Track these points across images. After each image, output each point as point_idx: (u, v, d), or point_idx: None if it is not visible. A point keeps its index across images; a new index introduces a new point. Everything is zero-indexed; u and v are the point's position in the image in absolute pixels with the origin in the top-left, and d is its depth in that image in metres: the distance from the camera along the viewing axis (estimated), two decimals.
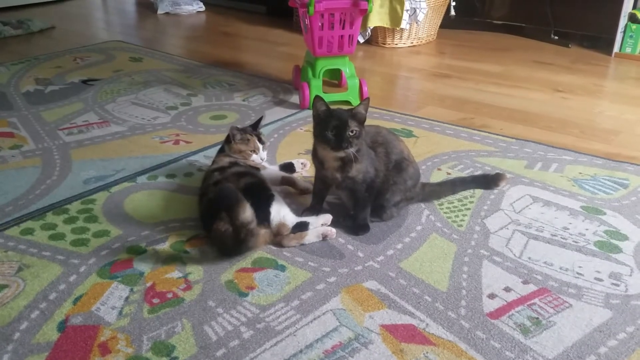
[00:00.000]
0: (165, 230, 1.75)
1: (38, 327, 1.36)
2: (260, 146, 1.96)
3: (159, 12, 4.83)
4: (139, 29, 4.65)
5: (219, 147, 2.17)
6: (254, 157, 1.94)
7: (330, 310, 1.41)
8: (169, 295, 1.47)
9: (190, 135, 2.44)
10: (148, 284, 1.52)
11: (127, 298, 1.46)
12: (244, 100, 2.83)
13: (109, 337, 1.33)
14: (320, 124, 1.65)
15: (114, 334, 1.34)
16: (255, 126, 2.03)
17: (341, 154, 1.63)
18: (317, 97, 1.64)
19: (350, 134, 1.59)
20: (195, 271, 1.56)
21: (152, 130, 2.50)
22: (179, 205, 1.90)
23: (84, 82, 3.13)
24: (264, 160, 1.98)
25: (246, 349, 1.30)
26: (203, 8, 4.92)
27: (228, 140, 1.96)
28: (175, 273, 1.56)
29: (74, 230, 1.76)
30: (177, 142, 2.37)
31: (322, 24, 2.58)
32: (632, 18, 3.37)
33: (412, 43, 3.84)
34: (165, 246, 1.68)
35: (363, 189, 1.70)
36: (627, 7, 3.36)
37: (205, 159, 2.22)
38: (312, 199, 1.84)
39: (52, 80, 3.15)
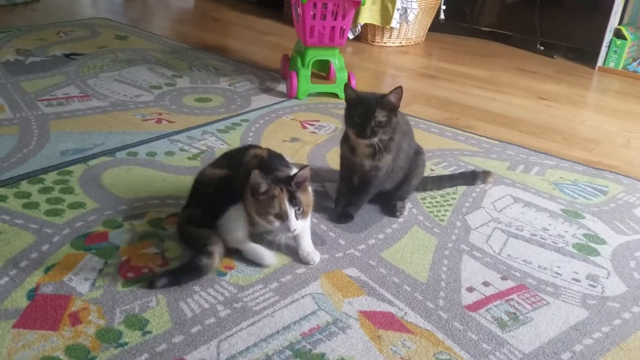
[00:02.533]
0: (144, 207, 1.72)
1: (7, 294, 1.32)
2: (291, 210, 1.38)
3: None
4: (126, 8, 4.57)
5: (201, 128, 2.15)
6: (277, 224, 1.40)
7: (310, 294, 1.39)
8: (145, 270, 1.44)
9: (173, 115, 2.39)
10: (123, 258, 1.48)
11: (100, 270, 1.42)
12: (230, 85, 2.80)
13: (81, 308, 1.29)
14: (349, 110, 1.63)
15: (85, 305, 1.30)
16: (291, 179, 1.41)
17: (366, 141, 1.60)
18: (347, 85, 1.64)
19: (376, 122, 1.56)
20: (173, 248, 1.53)
21: (134, 108, 2.45)
22: (159, 183, 1.86)
23: (67, 55, 3.05)
24: (294, 232, 1.41)
25: (222, 327, 1.27)
26: None
27: (252, 189, 1.41)
28: (151, 249, 1.53)
29: (48, 200, 1.71)
30: (159, 121, 2.33)
31: (315, 14, 2.56)
32: (617, 33, 3.43)
33: (400, 43, 3.84)
34: (142, 222, 1.64)
35: (377, 183, 1.70)
36: (613, 22, 3.42)
37: (188, 139, 2.18)
38: (339, 187, 1.79)
39: (33, 52, 3.07)
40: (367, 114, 1.56)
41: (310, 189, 1.48)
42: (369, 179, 1.69)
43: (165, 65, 3.02)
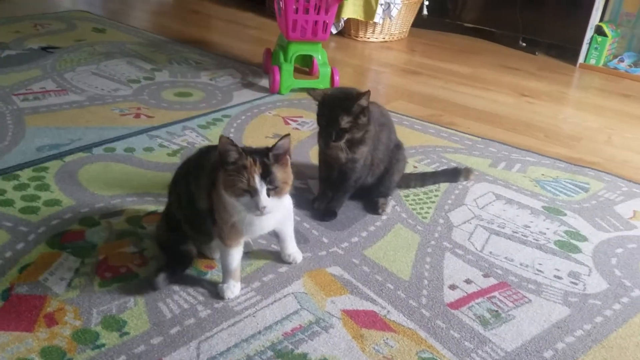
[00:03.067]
0: (122, 204, 1.68)
1: None
2: (262, 186, 1.19)
3: None
4: (104, 0, 4.48)
5: (181, 123, 2.12)
6: (245, 200, 1.20)
7: (292, 293, 1.37)
8: (123, 270, 1.41)
9: (152, 110, 2.35)
10: (100, 257, 1.45)
11: (77, 270, 1.39)
12: (211, 80, 2.76)
13: (56, 308, 1.26)
14: (318, 110, 1.63)
15: (61, 306, 1.27)
16: (269, 149, 1.23)
17: (330, 146, 1.61)
18: (311, 90, 1.65)
19: (340, 129, 1.57)
20: (152, 247, 1.50)
21: (111, 102, 2.40)
22: (138, 179, 1.82)
23: (44, 49, 2.99)
24: (263, 211, 1.19)
25: (202, 327, 1.25)
26: None
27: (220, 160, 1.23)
28: (129, 248, 1.50)
29: (24, 197, 1.67)
30: (137, 116, 2.29)
31: (297, 8, 2.53)
32: (598, 30, 3.45)
33: (384, 38, 3.83)
34: (120, 220, 1.61)
35: (356, 176, 1.69)
36: (594, 19, 3.44)
37: (167, 134, 2.14)
38: (319, 186, 1.80)
39: (9, 45, 2.99)
40: (331, 120, 1.57)
41: (290, 163, 1.26)
42: (347, 172, 1.68)
43: (144, 58, 2.97)
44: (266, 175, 1.19)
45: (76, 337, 1.19)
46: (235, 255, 1.34)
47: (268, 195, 1.19)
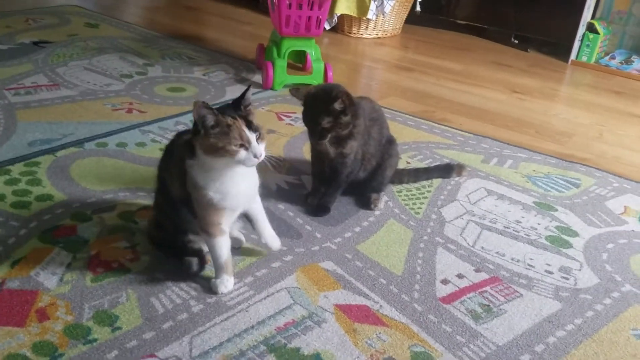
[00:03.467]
0: (114, 199, 1.68)
1: None
2: (252, 136, 1.22)
3: None
4: None
5: (174, 118, 2.11)
6: (242, 154, 1.21)
7: (285, 288, 1.38)
8: (115, 265, 1.40)
9: (144, 105, 2.34)
10: (92, 252, 1.44)
11: (69, 265, 1.39)
12: (204, 75, 2.75)
13: (48, 303, 1.26)
14: (303, 109, 1.64)
15: (53, 300, 1.27)
16: (238, 103, 1.27)
17: (315, 144, 1.63)
18: (291, 89, 1.65)
19: (322, 128, 1.58)
20: (144, 242, 1.50)
21: (104, 97, 2.39)
22: (130, 174, 1.82)
23: (35, 43, 2.97)
24: (261, 157, 1.23)
25: (195, 322, 1.25)
26: None
27: (196, 130, 1.22)
28: (122, 243, 1.49)
29: (15, 192, 1.66)
30: (130, 111, 2.28)
31: (290, 3, 2.53)
32: (590, 28, 3.47)
33: (377, 34, 3.83)
34: (112, 215, 1.60)
35: (347, 171, 1.70)
36: (586, 16, 3.46)
37: (159, 129, 2.13)
38: (312, 182, 1.80)
39: (0, 40, 2.97)
40: (313, 119, 1.58)
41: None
42: (337, 167, 1.69)
43: (136, 53, 2.96)
44: (250, 126, 1.23)
45: (68, 332, 1.19)
46: (222, 245, 1.32)
47: (257, 143, 1.23)
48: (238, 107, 1.25)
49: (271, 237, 1.47)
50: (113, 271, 1.38)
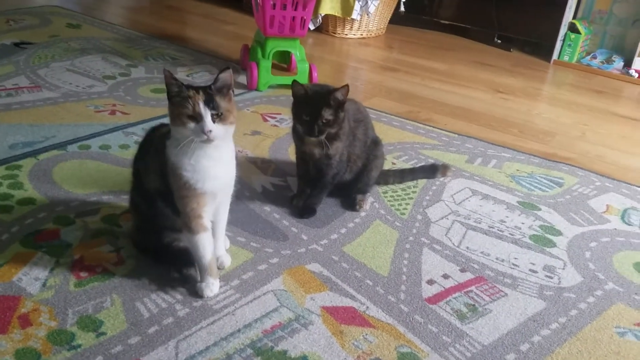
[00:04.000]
0: (97, 203, 1.66)
1: None
2: (207, 112, 1.22)
3: None
4: None
5: (158, 120, 2.09)
6: (191, 126, 1.22)
7: (271, 290, 1.37)
8: (99, 269, 1.39)
9: (128, 107, 2.32)
10: (76, 257, 1.42)
11: (52, 270, 1.37)
12: (188, 76, 2.73)
13: (31, 309, 1.24)
14: (297, 106, 1.62)
15: (36, 306, 1.25)
16: (211, 85, 1.26)
17: (313, 139, 1.61)
18: (295, 81, 1.61)
19: (323, 121, 1.57)
20: (128, 246, 1.48)
21: (86, 99, 2.36)
22: (114, 177, 1.80)
23: (16, 45, 2.92)
24: (210, 135, 1.22)
25: (181, 326, 1.24)
26: None
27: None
28: (106, 246, 1.48)
29: None
30: (113, 113, 2.25)
31: (275, 3, 2.52)
32: (572, 28, 3.51)
33: (361, 35, 3.84)
34: (96, 218, 1.59)
35: (333, 172, 1.69)
36: (568, 16, 3.50)
37: (143, 131, 2.11)
38: (297, 184, 1.79)
39: None
40: (314, 112, 1.57)
41: (234, 100, 1.30)
42: (322, 168, 1.69)
43: (119, 54, 2.93)
44: (209, 102, 1.23)
45: (51, 338, 1.17)
46: (205, 243, 1.31)
47: (213, 121, 1.23)
48: (209, 86, 1.26)
49: (225, 254, 1.46)
50: (97, 275, 1.37)
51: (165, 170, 1.28)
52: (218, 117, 1.24)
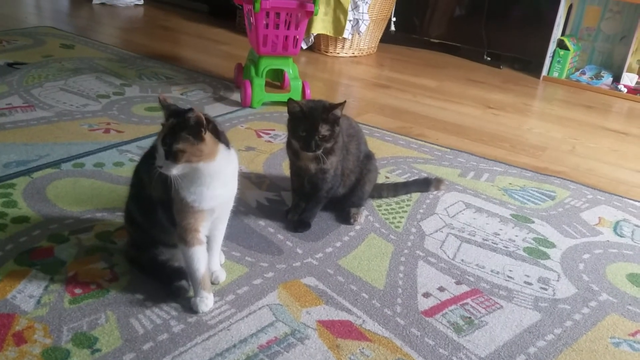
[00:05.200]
0: (91, 220, 1.65)
1: None
2: (160, 147, 1.20)
3: (95, 1, 4.62)
4: (72, 16, 4.44)
5: (152, 138, 2.10)
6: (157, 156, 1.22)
7: (267, 305, 1.37)
8: (93, 286, 1.38)
9: (122, 125, 2.33)
10: (70, 274, 1.42)
11: (46, 287, 1.36)
12: (182, 95, 2.74)
13: (25, 327, 1.23)
14: (293, 122, 1.63)
15: (30, 324, 1.24)
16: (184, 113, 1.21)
17: (310, 155, 1.62)
18: (290, 99, 1.63)
19: (320, 137, 1.58)
20: (122, 262, 1.48)
21: (80, 118, 2.37)
22: (108, 194, 1.80)
23: (10, 65, 2.93)
24: (161, 170, 1.21)
25: (175, 343, 1.23)
26: (141, 1, 4.76)
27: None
28: (100, 263, 1.47)
29: None
30: (107, 131, 2.26)
31: (267, 23, 2.55)
32: (560, 44, 3.56)
33: (353, 53, 3.88)
34: (90, 236, 1.58)
35: (328, 187, 1.70)
36: (556, 33, 3.55)
37: (138, 149, 2.12)
38: (292, 198, 1.80)
39: None
40: (311, 128, 1.58)
41: (211, 141, 1.22)
42: (317, 183, 1.70)
43: (113, 74, 2.94)
44: (167, 138, 1.19)
45: (46, 356, 1.16)
46: (200, 257, 1.30)
47: (166, 157, 1.19)
48: (184, 115, 1.19)
49: (220, 269, 1.45)
50: (91, 292, 1.36)
51: (169, 181, 1.26)
52: (171, 155, 1.19)
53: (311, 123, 1.58)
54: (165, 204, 1.31)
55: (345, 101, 1.60)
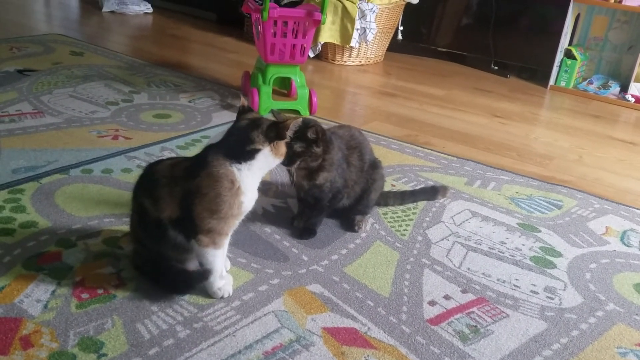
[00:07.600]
0: (99, 225, 1.67)
1: None
2: None
3: (104, 9, 4.67)
4: (81, 24, 4.49)
5: (160, 144, 2.10)
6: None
7: (272, 311, 1.37)
8: (100, 291, 1.39)
9: (130, 132, 2.34)
10: (77, 279, 1.43)
11: (53, 292, 1.37)
12: (190, 102, 2.77)
13: (32, 331, 1.24)
14: None
15: (37, 328, 1.25)
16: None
17: (290, 169, 1.63)
18: (272, 110, 1.66)
19: (293, 152, 1.58)
20: (129, 268, 1.49)
21: (89, 124, 2.39)
22: (115, 200, 1.81)
23: (20, 71, 2.97)
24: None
25: (181, 348, 1.24)
26: (151, 10, 4.81)
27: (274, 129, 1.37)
28: (107, 269, 1.48)
29: None
30: (115, 137, 2.28)
31: (275, 32, 2.57)
32: (568, 54, 3.56)
33: (360, 62, 3.89)
34: (97, 241, 1.59)
35: (327, 197, 1.70)
36: (564, 43, 3.55)
37: (146, 155, 2.13)
38: (298, 205, 1.80)
39: None
40: (287, 144, 1.58)
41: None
42: (316, 196, 1.70)
43: (122, 81, 2.97)
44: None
45: None
46: (223, 256, 1.41)
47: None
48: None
49: (227, 275, 1.46)
50: (98, 297, 1.37)
51: (190, 198, 1.30)
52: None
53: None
54: (178, 220, 1.33)
55: (316, 125, 1.60)
